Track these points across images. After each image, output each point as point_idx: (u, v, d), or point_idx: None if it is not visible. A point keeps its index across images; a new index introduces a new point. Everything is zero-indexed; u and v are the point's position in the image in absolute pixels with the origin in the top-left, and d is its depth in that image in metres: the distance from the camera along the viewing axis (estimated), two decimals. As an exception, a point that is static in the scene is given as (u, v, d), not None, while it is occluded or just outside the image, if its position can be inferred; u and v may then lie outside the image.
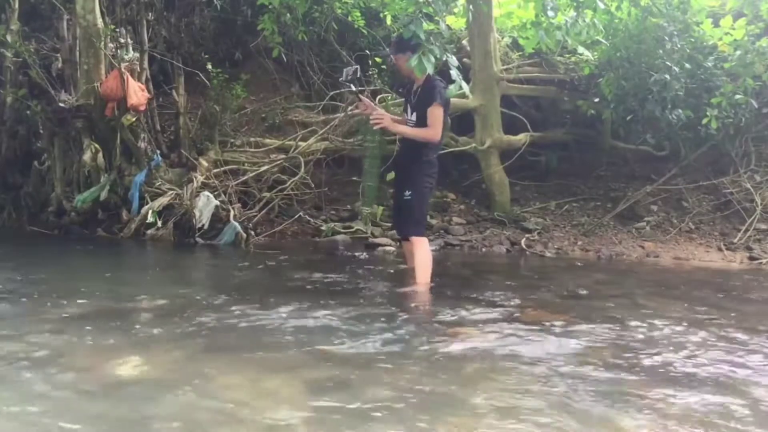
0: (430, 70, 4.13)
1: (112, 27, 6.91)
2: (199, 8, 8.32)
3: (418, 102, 4.62)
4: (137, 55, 6.94)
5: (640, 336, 3.51)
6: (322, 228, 6.83)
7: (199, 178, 6.80)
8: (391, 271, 5.39)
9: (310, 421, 2.30)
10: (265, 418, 2.31)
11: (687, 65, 6.75)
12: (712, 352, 3.23)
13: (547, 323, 3.75)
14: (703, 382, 2.80)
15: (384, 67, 8.10)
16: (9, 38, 7.24)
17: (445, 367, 2.93)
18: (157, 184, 6.83)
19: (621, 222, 7.14)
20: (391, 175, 6.89)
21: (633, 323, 3.74)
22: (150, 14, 7.57)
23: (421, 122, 4.59)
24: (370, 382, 2.69)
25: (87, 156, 6.82)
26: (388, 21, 8.44)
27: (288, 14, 6.98)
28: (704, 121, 6.73)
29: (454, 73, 4.14)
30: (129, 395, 2.51)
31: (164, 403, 2.43)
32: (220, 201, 6.64)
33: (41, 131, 7.23)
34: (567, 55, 8.05)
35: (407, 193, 4.69)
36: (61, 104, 6.92)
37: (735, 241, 6.53)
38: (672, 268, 5.87)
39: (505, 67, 7.87)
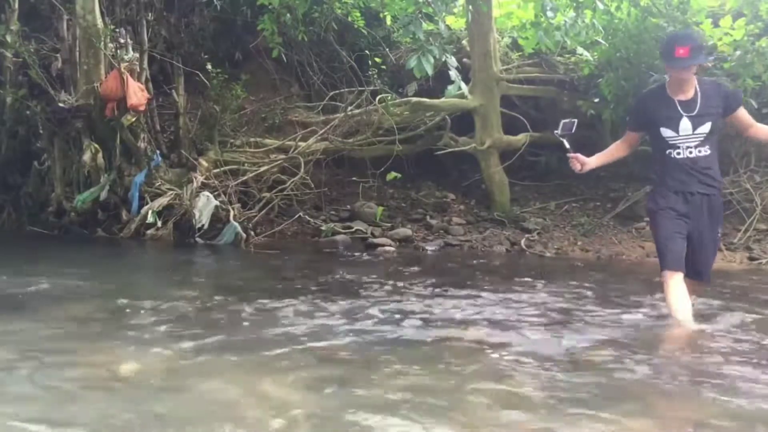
0: (429, 70, 4.12)
1: (112, 27, 6.92)
2: (198, 8, 8.32)
3: (705, 109, 3.63)
4: (137, 55, 6.95)
5: (641, 335, 3.51)
6: (322, 228, 6.84)
7: (199, 178, 6.81)
8: (391, 270, 5.39)
9: (310, 421, 2.30)
10: (265, 418, 2.32)
11: (687, 65, 6.75)
12: (713, 351, 3.23)
13: (547, 323, 3.75)
14: (706, 380, 2.80)
15: (384, 67, 8.10)
16: (9, 38, 7.25)
17: (445, 367, 2.93)
18: (157, 184, 6.84)
19: (621, 222, 7.13)
20: (391, 175, 6.89)
21: (633, 323, 3.74)
22: (150, 14, 7.58)
23: (714, 132, 3.65)
24: (370, 382, 2.69)
25: (87, 156, 6.83)
26: (388, 21, 8.45)
27: (288, 14, 6.97)
28: (704, 121, 6.72)
29: (453, 73, 4.14)
30: (128, 394, 2.51)
31: (164, 403, 2.43)
32: (220, 201, 6.65)
33: (41, 131, 7.24)
34: (566, 56, 8.05)
35: (720, 231, 3.78)
36: (61, 104, 6.93)
37: (735, 241, 6.52)
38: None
39: (504, 67, 7.87)
